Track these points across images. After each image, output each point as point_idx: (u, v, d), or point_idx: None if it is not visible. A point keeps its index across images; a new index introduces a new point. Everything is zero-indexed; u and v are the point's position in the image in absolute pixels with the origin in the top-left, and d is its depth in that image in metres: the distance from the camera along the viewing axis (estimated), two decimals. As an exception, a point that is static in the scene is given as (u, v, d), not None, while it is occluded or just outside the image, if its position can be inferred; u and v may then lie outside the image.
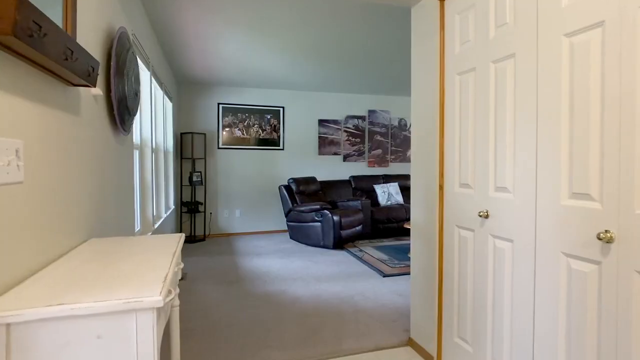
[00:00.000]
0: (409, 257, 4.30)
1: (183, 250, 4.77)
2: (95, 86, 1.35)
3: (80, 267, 1.11)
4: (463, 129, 1.87)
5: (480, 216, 1.71)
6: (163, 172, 3.98)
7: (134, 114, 2.09)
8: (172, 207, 4.76)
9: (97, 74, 1.34)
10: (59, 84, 1.25)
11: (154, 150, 3.74)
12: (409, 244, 5.00)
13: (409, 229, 4.36)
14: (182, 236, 1.58)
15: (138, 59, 2.64)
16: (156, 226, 3.39)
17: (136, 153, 3.00)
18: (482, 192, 1.74)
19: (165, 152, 4.62)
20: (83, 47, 1.36)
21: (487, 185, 1.71)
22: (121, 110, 1.87)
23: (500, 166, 1.63)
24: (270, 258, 4.38)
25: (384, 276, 3.65)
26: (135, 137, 2.99)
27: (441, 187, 2.03)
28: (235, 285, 3.40)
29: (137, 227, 2.98)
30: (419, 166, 2.25)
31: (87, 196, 1.52)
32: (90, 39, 1.55)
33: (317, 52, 4.01)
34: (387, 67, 4.65)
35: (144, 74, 3.10)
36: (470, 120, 1.83)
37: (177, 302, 1.60)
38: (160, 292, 0.89)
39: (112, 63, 1.73)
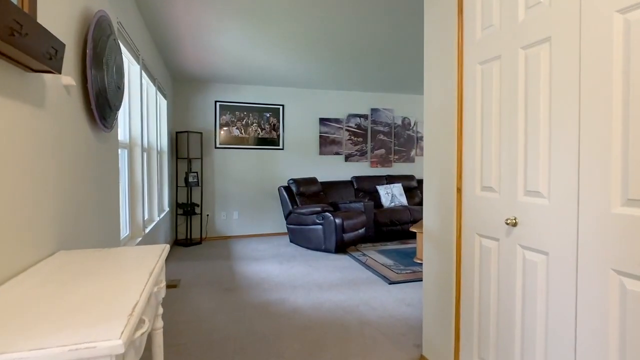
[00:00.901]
0: (415, 262, 4.09)
1: (177, 254, 4.56)
2: (60, 72, 1.14)
3: (33, 292, 0.90)
4: (486, 125, 1.66)
5: (508, 224, 1.50)
6: (156, 173, 3.77)
7: (117, 109, 1.88)
8: (167, 209, 4.55)
9: (62, 58, 1.13)
10: (14, 68, 1.04)
11: (146, 150, 3.53)
12: (415, 248, 4.79)
13: (415, 232, 4.18)
14: (166, 248, 1.37)
15: (124, 48, 2.43)
16: (147, 230, 3.18)
17: (124, 152, 2.80)
18: (509, 197, 1.53)
19: (159, 152, 4.41)
20: (45, 27, 1.15)
21: (515, 188, 1.50)
22: (100, 104, 1.66)
23: (532, 167, 1.42)
24: (269, 263, 4.17)
25: (389, 283, 3.44)
26: (124, 134, 2.79)
27: (459, 190, 1.82)
28: (231, 293, 3.19)
29: (125, 232, 2.78)
30: (432, 167, 2.04)
31: (56, 201, 1.31)
32: (58, 19, 1.34)
33: (319, 45, 3.81)
34: (393, 62, 4.44)
35: (134, 68, 2.89)
36: (494, 115, 1.62)
37: (160, 323, 1.39)
38: (122, 333, 0.68)
39: (88, 50, 1.52)
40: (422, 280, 3.52)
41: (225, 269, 3.95)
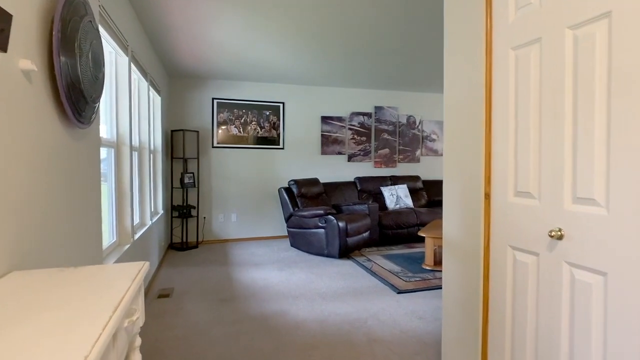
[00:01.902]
0: (424, 269, 3.86)
1: (172, 259, 4.32)
2: (4, 50, 0.90)
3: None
4: (521, 120, 1.43)
5: (552, 236, 1.27)
6: (148, 174, 3.53)
7: (95, 102, 1.64)
8: (161, 212, 4.31)
9: (7, 33, 0.89)
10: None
11: (137, 149, 3.30)
12: (422, 253, 4.55)
13: (424, 237, 3.95)
14: (144, 267, 1.13)
15: (107, 36, 2.19)
16: (138, 236, 2.94)
17: (111, 152, 2.56)
18: (552, 204, 1.30)
19: (153, 151, 4.17)
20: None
21: (561, 195, 1.27)
22: (73, 96, 1.43)
23: (584, 170, 1.19)
24: (269, 269, 3.93)
25: (398, 292, 3.21)
26: (110, 132, 2.55)
27: (487, 196, 1.58)
28: (228, 304, 2.95)
29: (112, 239, 2.54)
30: (454, 169, 1.80)
31: (9, 210, 1.08)
32: (14, -10, 1.10)
33: (321, 39, 3.57)
34: (399, 57, 4.20)
35: (121, 60, 2.65)
36: (532, 108, 1.38)
37: (138, 357, 1.15)
38: None
39: (55, 31, 1.28)
40: (433, 289, 3.29)
41: (221, 275, 3.71)
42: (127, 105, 2.67)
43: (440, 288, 3.33)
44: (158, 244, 4.00)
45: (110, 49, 2.54)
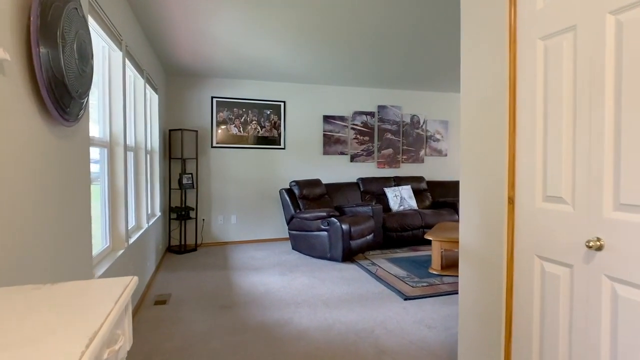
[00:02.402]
0: (431, 273, 3.72)
1: (170, 263, 4.18)
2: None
3: None
4: (551, 118, 1.29)
5: (589, 247, 1.13)
6: (145, 175, 3.39)
7: (82, 97, 1.51)
8: (158, 214, 4.17)
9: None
10: None
11: (132, 149, 3.16)
12: (428, 256, 4.41)
13: (429, 240, 3.80)
14: (131, 283, 0.99)
15: (98, 27, 2.06)
16: (133, 240, 2.80)
17: (104, 152, 2.42)
18: (589, 211, 1.16)
19: (150, 151, 4.03)
20: None
21: (600, 200, 1.13)
22: (55, 90, 1.29)
23: (629, 172, 1.05)
24: (270, 273, 3.79)
25: (405, 299, 3.07)
26: (103, 131, 2.42)
27: (511, 201, 1.45)
28: (227, 312, 2.81)
29: (105, 244, 2.40)
30: (472, 171, 1.66)
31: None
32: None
33: (324, 36, 3.43)
34: (404, 54, 4.06)
35: (115, 55, 2.51)
36: (565, 104, 1.25)
37: (124, 387, 1.01)
38: None
39: (33, 17, 1.15)
40: (441, 295, 3.15)
41: (221, 280, 3.57)
42: (121, 103, 2.53)
43: (449, 294, 3.19)
44: (155, 247, 3.87)
45: (103, 44, 2.41)
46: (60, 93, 1.34)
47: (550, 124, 1.29)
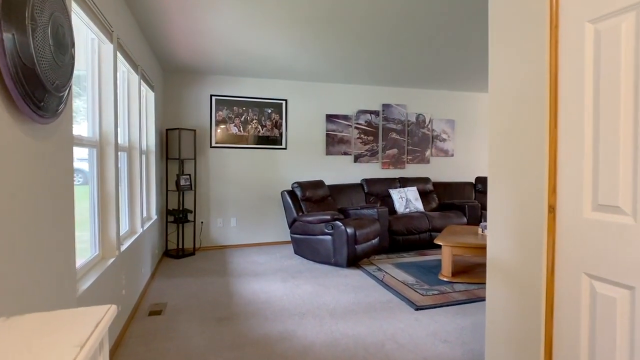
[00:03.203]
0: (441, 280, 3.54)
1: (166, 269, 3.99)
2: None
3: None
4: (605, 114, 1.10)
5: (659, 268, 0.94)
6: (139, 176, 3.20)
7: (60, 91, 1.32)
8: (155, 217, 3.98)
9: None
10: None
11: (125, 149, 2.97)
12: (437, 261, 4.23)
13: (437, 244, 3.57)
14: (107, 314, 0.81)
15: (83, 14, 1.87)
16: (126, 246, 2.61)
17: (92, 152, 2.24)
18: (658, 225, 0.97)
19: (146, 151, 3.84)
20: None
21: (672, 212, 0.94)
22: (25, 81, 1.10)
23: None
24: (272, 280, 3.61)
25: (416, 309, 2.89)
26: (92, 130, 2.23)
27: (552, 210, 1.26)
28: (227, 324, 2.63)
29: (94, 252, 2.22)
30: (502, 175, 1.47)
31: None
32: None
33: (327, 30, 3.24)
34: (409, 51, 3.87)
35: (105, 47, 2.33)
36: (623, 98, 1.06)
37: None
38: None
39: (-5, -9, 0.96)
40: (454, 305, 2.97)
41: (220, 288, 3.39)
42: (112, 100, 2.34)
43: (463, 303, 3.00)
44: (151, 252, 3.68)
45: (92, 35, 2.22)
46: (32, 85, 1.15)
47: (604, 121, 1.11)
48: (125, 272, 2.58)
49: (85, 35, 2.20)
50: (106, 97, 2.33)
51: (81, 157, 2.21)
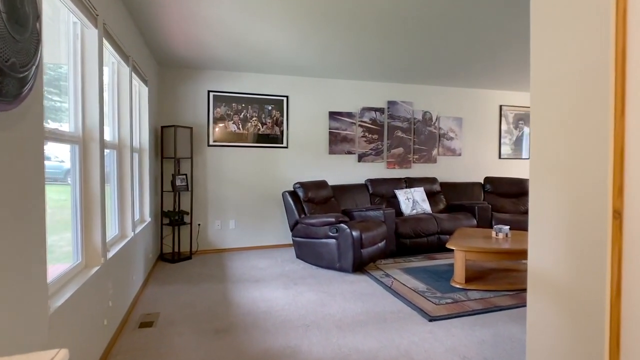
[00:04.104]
0: (454, 287, 3.31)
1: (161, 274, 3.76)
2: None
3: None
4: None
5: None
6: (130, 176, 2.98)
7: (20, 72, 1.09)
8: (148, 219, 3.75)
9: None
10: None
11: (115, 147, 2.75)
12: (447, 266, 4.00)
13: (446, 247, 3.30)
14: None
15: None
16: (114, 253, 2.39)
17: (75, 150, 2.01)
18: None
19: (139, 150, 3.62)
20: None
21: None
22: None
23: None
24: (272, 287, 3.38)
25: (430, 320, 2.66)
26: (75, 125, 2.01)
27: (617, 215, 1.03)
28: (224, 337, 2.40)
29: (76, 260, 1.99)
30: (550, 174, 1.25)
31: None
32: None
33: (330, 23, 3.01)
34: (416, 45, 3.64)
35: (89, 32, 2.10)
36: None
37: None
38: None
39: None
40: (470, 315, 2.74)
41: (217, 296, 3.16)
42: (97, 92, 2.12)
43: (479, 313, 2.78)
44: (144, 257, 3.45)
45: (74, 18, 1.99)
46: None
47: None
48: (113, 281, 2.35)
49: (65, 18, 1.97)
50: (90, 89, 2.10)
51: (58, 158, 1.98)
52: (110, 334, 2.25)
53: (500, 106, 6.04)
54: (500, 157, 6.08)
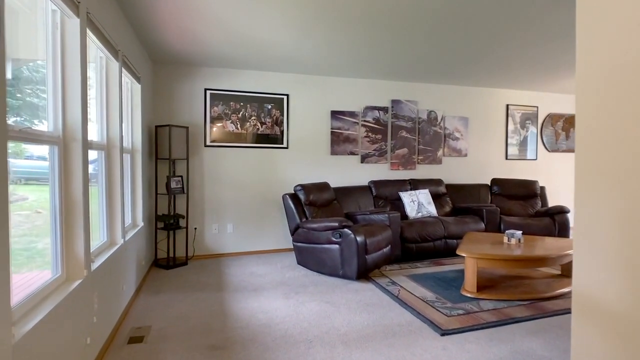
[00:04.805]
0: (465, 296, 3.12)
1: (154, 282, 3.56)
2: None
3: None
4: None
5: None
6: (121, 179, 2.78)
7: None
8: (141, 224, 3.56)
9: None
10: None
11: (103, 147, 2.56)
12: (456, 272, 3.81)
13: (454, 252, 3.10)
14: None
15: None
16: (99, 263, 2.19)
17: (54, 150, 1.82)
18: None
19: (131, 151, 3.43)
20: None
21: None
22: None
23: None
24: (272, 296, 3.19)
25: (442, 334, 2.47)
26: (54, 123, 1.82)
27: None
28: (220, 355, 2.20)
29: (56, 274, 1.80)
30: (602, 181, 1.06)
31: None
32: None
33: (333, 17, 2.82)
34: (422, 40, 3.45)
35: (71, 22, 1.90)
36: None
37: None
38: None
39: None
40: (485, 328, 2.55)
41: (213, 306, 2.96)
42: (79, 87, 1.92)
43: (494, 326, 2.59)
44: (136, 264, 3.25)
45: (53, 6, 1.80)
46: None
47: None
48: (99, 294, 2.15)
49: (45, 6, 1.78)
50: (71, 84, 1.91)
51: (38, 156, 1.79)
52: (94, 353, 2.05)
53: (507, 105, 5.85)
54: (507, 158, 5.90)
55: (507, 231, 3.52)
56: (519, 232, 3.48)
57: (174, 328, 2.57)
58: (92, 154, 2.53)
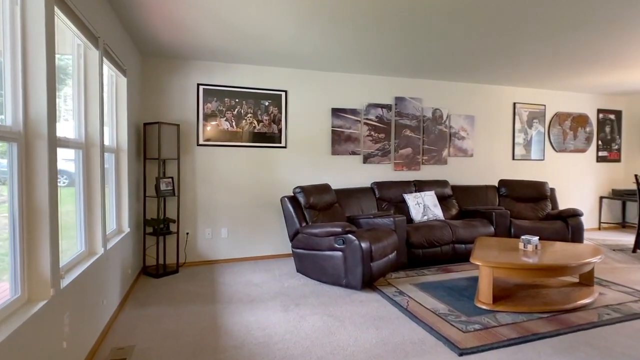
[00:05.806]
0: (480, 308, 2.87)
1: (141, 294, 3.27)
2: None
3: None
4: None
5: None
6: (101, 181, 2.50)
7: None
8: (127, 229, 3.27)
9: None
10: None
11: (81, 147, 2.28)
12: (466, 280, 3.55)
13: (465, 258, 2.83)
14: None
15: None
16: (72, 279, 1.91)
17: (12, 149, 1.54)
18: None
19: (115, 149, 3.14)
20: None
21: None
22: None
23: None
24: (270, 309, 2.92)
25: (460, 354, 2.21)
26: (14, 116, 1.54)
27: None
28: (211, 383, 1.93)
29: (14, 294, 1.52)
30: None
31: None
32: None
33: (334, 8, 2.56)
34: (428, 36, 3.19)
35: (38, 1, 1.63)
36: None
37: None
38: None
39: None
40: (507, 347, 2.29)
41: (205, 321, 2.69)
42: (44, 76, 1.64)
43: (516, 344, 2.33)
44: (121, 274, 2.97)
45: (11, -23, 1.52)
46: None
47: None
48: (71, 313, 1.87)
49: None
50: (35, 72, 1.63)
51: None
52: (64, 383, 1.77)
53: (514, 104, 5.62)
54: (513, 159, 5.67)
55: (522, 237, 3.28)
56: (536, 238, 3.24)
57: (161, 349, 2.29)
58: (68, 154, 2.25)
